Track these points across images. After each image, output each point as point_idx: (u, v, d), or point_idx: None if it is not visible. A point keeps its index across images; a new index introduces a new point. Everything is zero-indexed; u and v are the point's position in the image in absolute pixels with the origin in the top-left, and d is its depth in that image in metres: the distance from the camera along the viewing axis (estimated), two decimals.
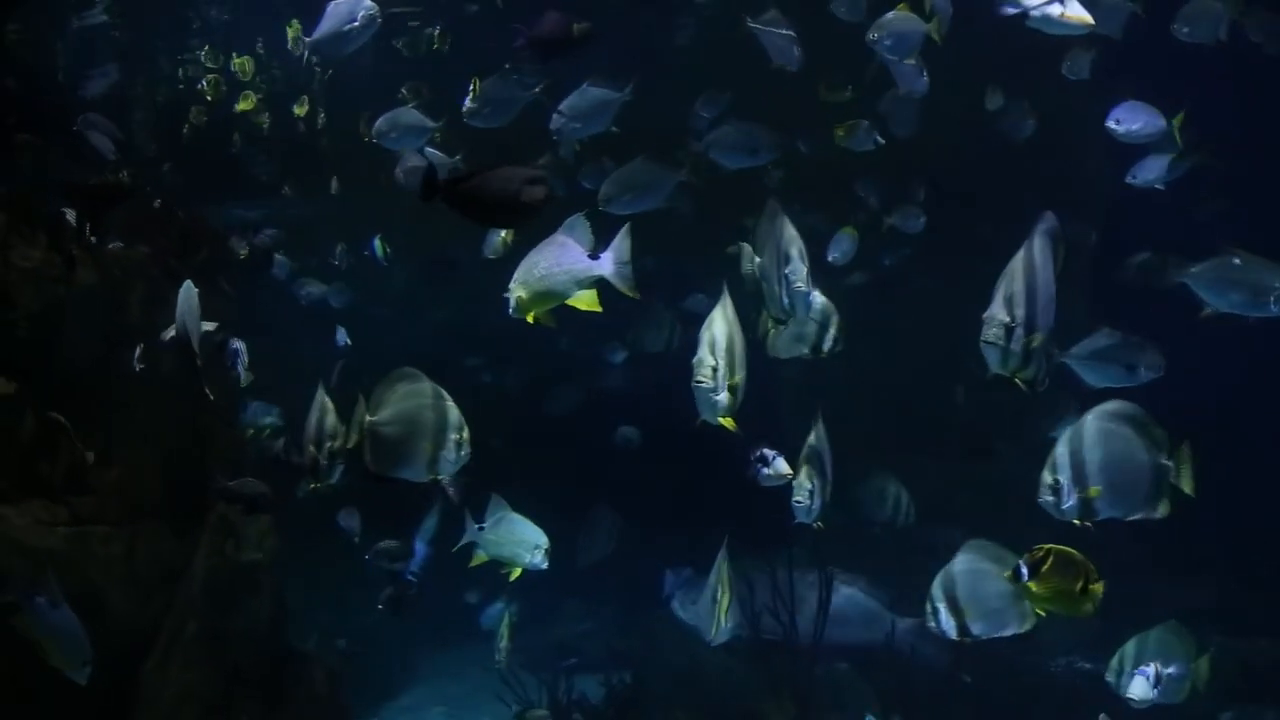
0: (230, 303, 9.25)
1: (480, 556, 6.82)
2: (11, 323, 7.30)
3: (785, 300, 6.22)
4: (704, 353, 5.71)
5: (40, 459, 7.30)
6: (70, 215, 7.73)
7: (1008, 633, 6.21)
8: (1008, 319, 5.44)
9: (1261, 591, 10.68)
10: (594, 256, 5.30)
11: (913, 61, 8.33)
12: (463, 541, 6.87)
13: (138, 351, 7.79)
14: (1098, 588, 5.46)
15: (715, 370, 5.64)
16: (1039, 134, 9.81)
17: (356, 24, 7.52)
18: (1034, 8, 6.55)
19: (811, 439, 6.93)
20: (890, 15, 7.77)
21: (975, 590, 6.17)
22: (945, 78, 8.98)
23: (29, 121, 8.89)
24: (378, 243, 10.91)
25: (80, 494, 7.43)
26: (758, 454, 6.96)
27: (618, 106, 8.31)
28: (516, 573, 6.84)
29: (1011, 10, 6.58)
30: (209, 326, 7.43)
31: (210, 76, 10.68)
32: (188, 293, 7.00)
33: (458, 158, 9.58)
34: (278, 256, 10.78)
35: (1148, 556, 9.77)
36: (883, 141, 9.11)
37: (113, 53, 10.64)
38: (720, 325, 5.76)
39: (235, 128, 11.06)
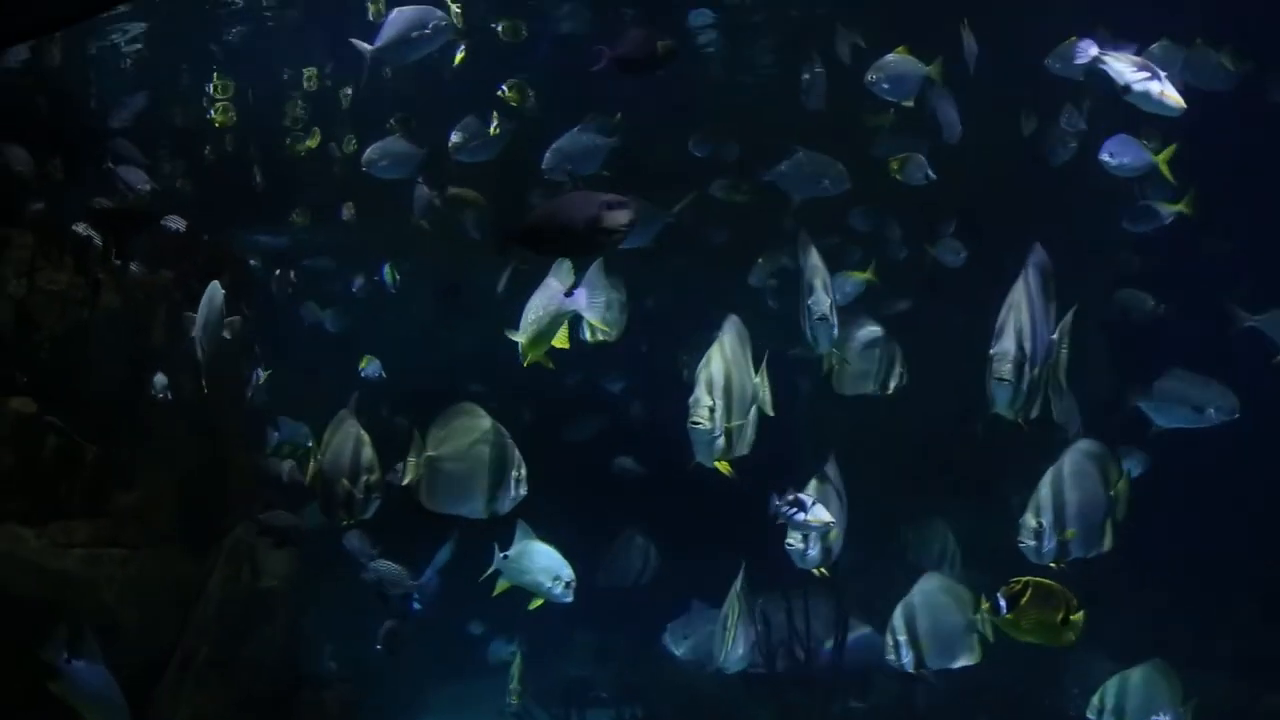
0: (250, 327, 9.32)
1: (503, 584, 6.73)
2: (35, 345, 7.37)
3: (809, 331, 6.16)
4: (700, 392, 5.45)
5: (59, 480, 7.34)
6: (96, 239, 7.82)
7: (958, 665, 6.41)
8: (1019, 354, 5.23)
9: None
10: (569, 294, 5.48)
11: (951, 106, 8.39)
12: (490, 570, 6.79)
13: (158, 379, 7.83)
14: (1079, 617, 5.55)
15: (713, 411, 5.40)
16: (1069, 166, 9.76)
17: (426, 31, 7.47)
18: (1134, 84, 6.56)
19: (814, 482, 6.67)
20: (889, 57, 7.82)
21: (934, 623, 6.32)
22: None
23: (61, 146, 9.01)
24: (387, 269, 10.98)
25: (98, 516, 7.46)
26: (792, 497, 6.74)
27: (606, 151, 8.42)
28: (537, 602, 6.78)
29: (1113, 82, 6.61)
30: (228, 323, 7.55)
31: (220, 103, 10.78)
32: (210, 295, 7.10)
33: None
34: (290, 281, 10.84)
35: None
36: (934, 177, 8.98)
37: (140, 80, 10.80)
38: (718, 363, 5.50)
39: (258, 155, 11.16)
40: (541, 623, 9.15)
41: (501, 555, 6.68)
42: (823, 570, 6.19)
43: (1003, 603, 5.56)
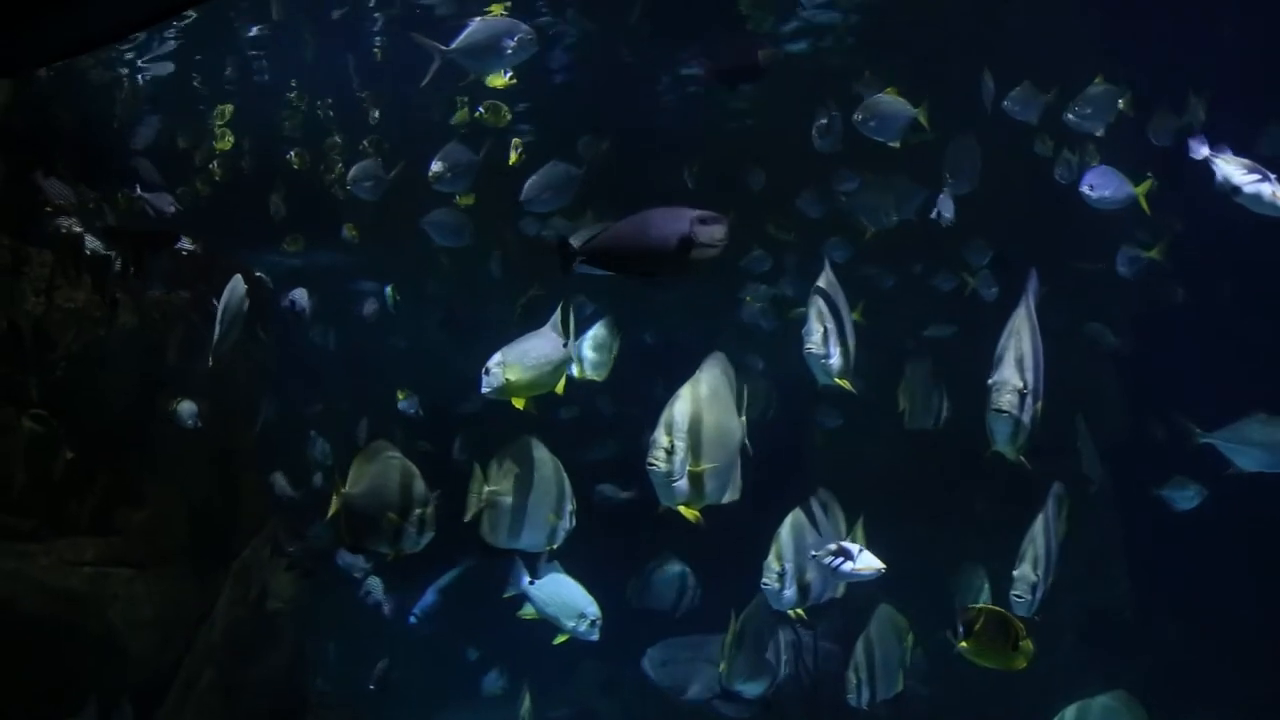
0: (266, 350, 9.36)
1: (530, 612, 6.72)
2: (51, 363, 7.40)
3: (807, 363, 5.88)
4: (659, 433, 5.09)
5: (70, 498, 7.36)
6: (115, 259, 7.87)
7: (890, 695, 6.69)
8: (1021, 384, 5.06)
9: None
10: (566, 345, 5.79)
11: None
12: (510, 591, 6.76)
13: (185, 407, 7.91)
14: (1027, 644, 5.77)
15: (670, 453, 5.03)
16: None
17: (512, 44, 7.38)
18: (1246, 185, 6.58)
19: (791, 518, 6.29)
20: (877, 97, 7.83)
21: (885, 659, 6.42)
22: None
23: (83, 166, 9.10)
24: (389, 291, 11.03)
25: (107, 535, 7.47)
26: (835, 547, 6.55)
27: (578, 183, 8.49)
28: (562, 638, 6.77)
29: (1222, 184, 6.63)
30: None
31: (219, 127, 10.89)
32: (233, 286, 7.30)
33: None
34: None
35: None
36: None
37: (162, 101, 10.90)
38: (684, 404, 5.13)
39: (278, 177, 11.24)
40: (549, 651, 9.10)
41: (529, 581, 6.67)
42: (799, 612, 6.09)
43: (960, 629, 5.81)
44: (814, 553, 6.73)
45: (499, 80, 8.10)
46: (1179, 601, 10.42)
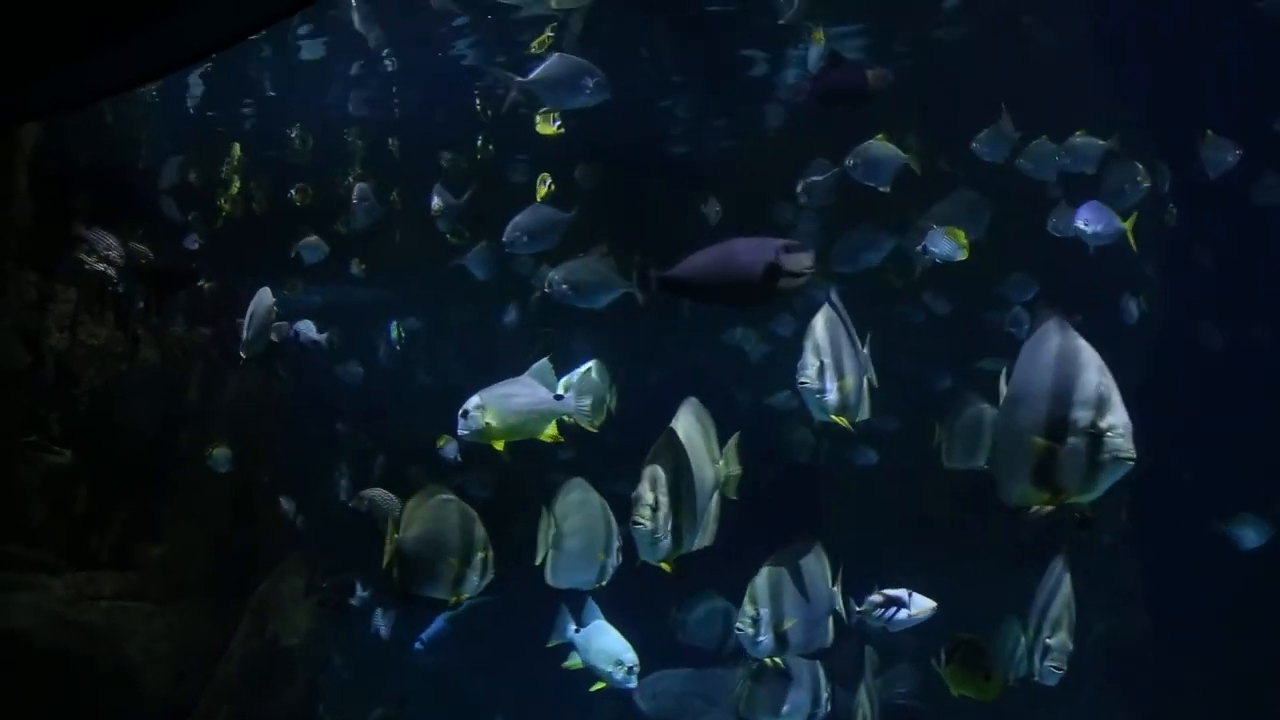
0: (285, 386, 9.44)
1: (575, 662, 6.71)
2: (73, 398, 7.49)
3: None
4: (643, 489, 4.93)
5: (89, 532, 7.42)
6: (138, 296, 7.99)
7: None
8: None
9: None
10: (558, 397, 5.85)
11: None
12: (555, 640, 6.76)
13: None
14: (999, 677, 5.95)
15: (655, 510, 4.91)
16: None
17: (590, 84, 7.58)
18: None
19: (770, 564, 6.01)
20: (867, 144, 7.93)
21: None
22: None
23: (111, 204, 9.25)
24: (393, 327, 11.11)
25: (125, 569, 7.52)
26: (883, 597, 6.52)
27: (564, 226, 8.54)
28: (599, 685, 6.75)
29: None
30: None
31: (230, 164, 11.06)
32: (260, 295, 7.47)
33: None
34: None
35: None
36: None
37: (179, 140, 11.07)
38: (666, 455, 5.00)
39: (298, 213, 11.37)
40: (562, 688, 9.06)
41: (574, 629, 6.67)
42: (777, 661, 5.98)
43: (942, 655, 5.97)
44: (860, 609, 6.66)
45: (548, 128, 8.22)
46: (1202, 640, 10.29)
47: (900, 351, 9.90)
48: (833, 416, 5.52)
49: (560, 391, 5.96)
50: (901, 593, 6.59)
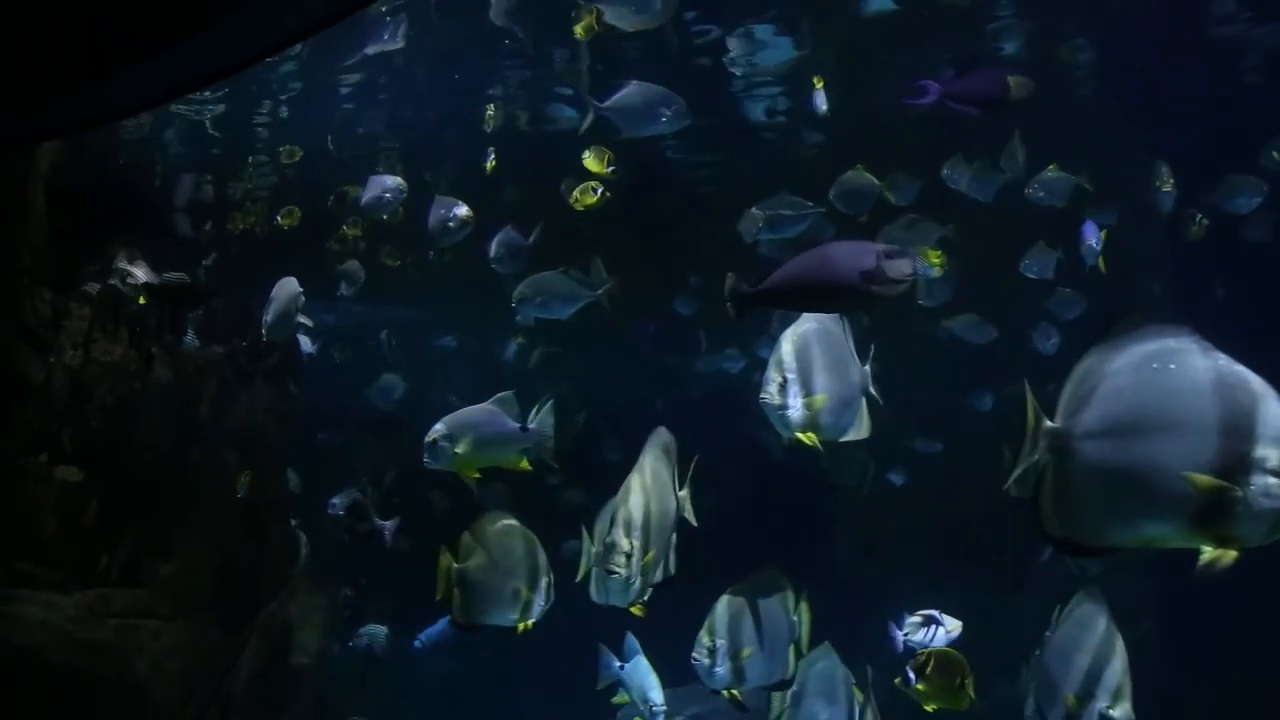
0: (296, 404, 9.45)
1: (623, 697, 6.74)
2: (86, 414, 7.51)
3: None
4: (618, 535, 4.91)
5: (100, 550, 7.42)
6: (151, 314, 8.02)
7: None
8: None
9: None
10: (524, 428, 5.93)
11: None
12: (605, 682, 6.84)
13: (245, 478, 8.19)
14: (971, 681, 5.83)
15: (630, 556, 4.91)
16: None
17: (668, 113, 7.70)
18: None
19: (729, 595, 5.83)
20: (847, 175, 7.98)
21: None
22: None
23: (126, 221, 9.29)
24: (384, 336, 11.16)
25: (135, 586, 7.51)
26: (920, 618, 6.52)
27: (582, 303, 8.56)
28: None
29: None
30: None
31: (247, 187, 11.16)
32: (282, 283, 7.63)
33: None
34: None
35: None
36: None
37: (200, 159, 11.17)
38: (637, 497, 4.96)
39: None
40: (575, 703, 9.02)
41: (619, 666, 6.68)
42: (734, 693, 5.85)
43: (911, 675, 5.79)
44: (902, 632, 6.71)
45: (599, 166, 8.27)
46: (1208, 652, 10.18)
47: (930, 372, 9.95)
48: (799, 435, 5.29)
49: (527, 424, 6.03)
50: (934, 612, 6.66)
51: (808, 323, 5.33)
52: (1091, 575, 6.67)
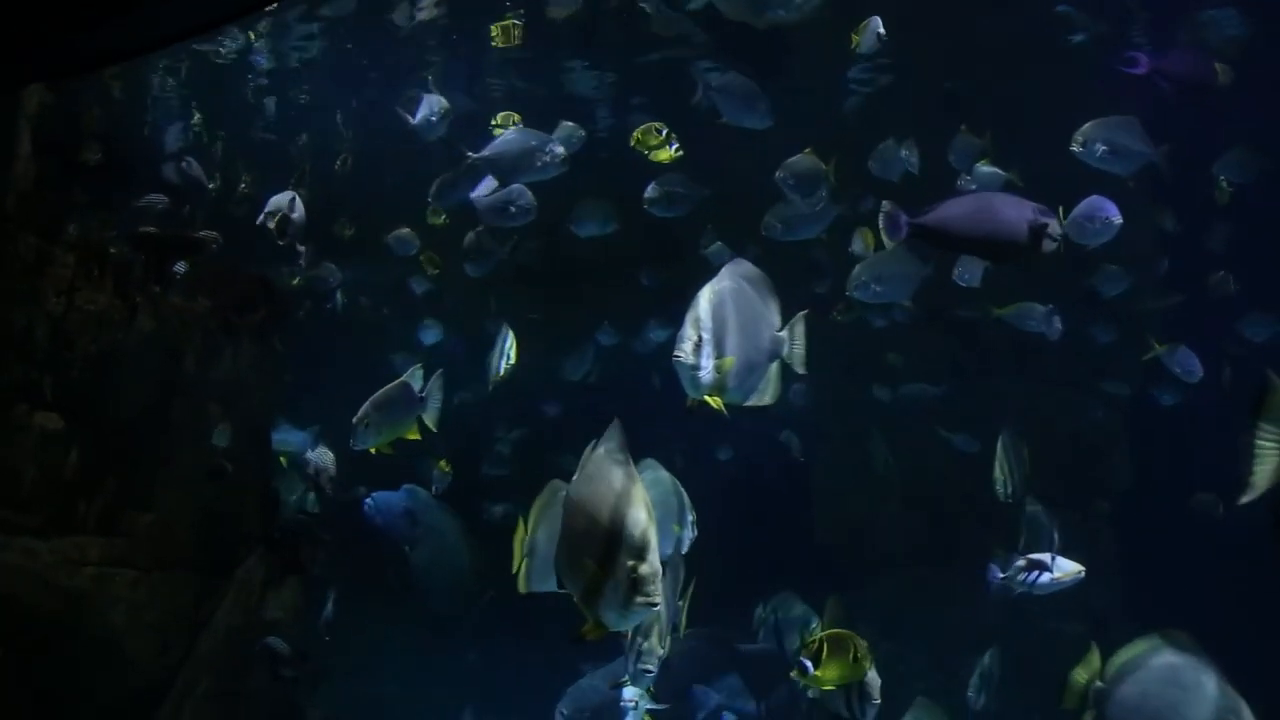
0: (283, 361, 9.42)
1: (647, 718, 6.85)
2: (67, 363, 7.48)
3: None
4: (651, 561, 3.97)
5: (78, 498, 7.40)
6: (138, 263, 7.97)
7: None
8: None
9: None
10: (421, 396, 6.40)
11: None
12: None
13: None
14: (865, 651, 5.80)
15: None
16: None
17: (546, 158, 7.98)
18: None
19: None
20: (795, 158, 8.00)
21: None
22: None
23: (115, 168, 9.19)
24: (338, 296, 11.13)
25: (112, 536, 7.51)
26: (1025, 560, 6.35)
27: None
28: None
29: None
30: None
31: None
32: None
33: None
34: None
35: None
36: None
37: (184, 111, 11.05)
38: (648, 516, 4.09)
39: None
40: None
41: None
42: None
43: (808, 663, 5.69)
44: (1003, 575, 6.63)
45: (665, 154, 8.27)
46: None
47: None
48: (705, 397, 5.03)
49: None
50: (1045, 557, 6.43)
51: (726, 280, 5.07)
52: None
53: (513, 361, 7.59)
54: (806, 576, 8.92)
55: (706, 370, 4.95)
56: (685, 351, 4.91)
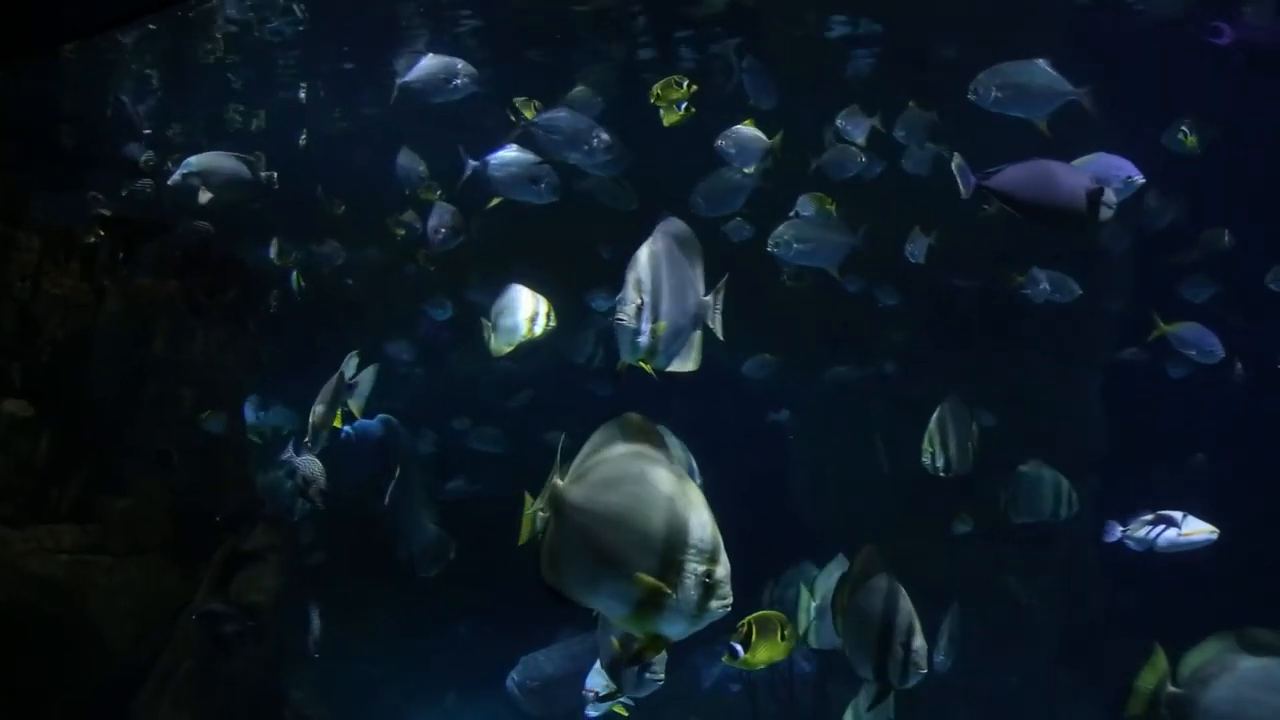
0: (255, 343, 9.33)
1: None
2: (36, 348, 7.37)
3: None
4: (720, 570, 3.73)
5: (50, 484, 7.32)
6: (105, 246, 7.85)
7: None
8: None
9: None
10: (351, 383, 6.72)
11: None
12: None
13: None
14: (789, 628, 5.78)
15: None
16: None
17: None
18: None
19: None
20: (736, 127, 8.03)
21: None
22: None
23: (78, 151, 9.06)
24: (294, 276, 11.01)
25: (87, 522, 7.44)
26: (1153, 515, 6.21)
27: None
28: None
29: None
30: None
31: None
32: None
33: None
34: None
35: None
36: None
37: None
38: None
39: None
40: None
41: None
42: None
43: (738, 647, 5.65)
44: (1124, 529, 6.48)
45: (675, 116, 8.20)
46: (1152, 621, 10.37)
47: None
48: (640, 362, 4.94)
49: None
50: (1176, 514, 6.18)
51: (659, 240, 4.94)
52: None
53: (552, 324, 6.96)
54: (784, 551, 8.91)
55: (645, 334, 4.85)
56: (629, 315, 4.81)
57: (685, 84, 7.66)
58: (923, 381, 10.24)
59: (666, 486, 3.62)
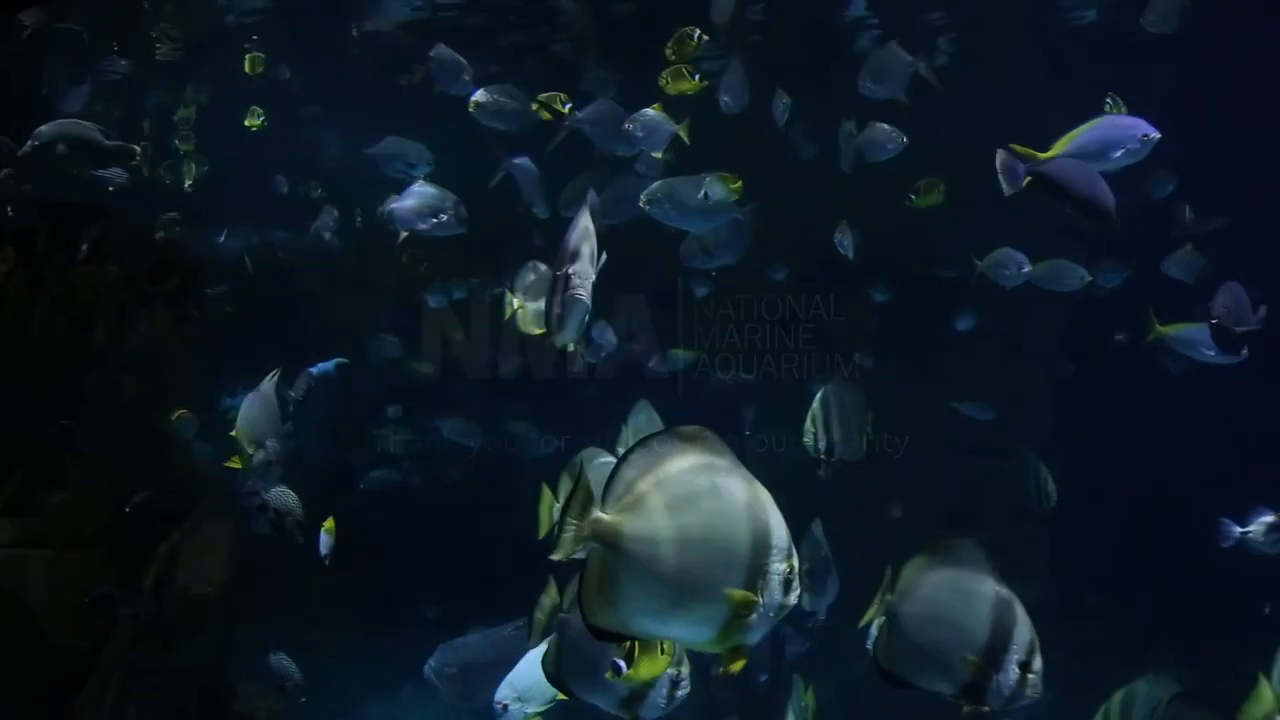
0: (199, 329, 9.16)
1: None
2: None
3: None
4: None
5: None
6: (41, 232, 7.68)
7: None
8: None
9: None
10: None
11: None
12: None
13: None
14: (669, 647, 5.43)
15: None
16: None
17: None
18: None
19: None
20: (644, 110, 8.04)
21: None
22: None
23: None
24: (247, 260, 10.89)
25: (25, 515, 7.29)
26: (1273, 519, 6.17)
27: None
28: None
29: None
30: None
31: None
32: None
33: None
34: None
35: None
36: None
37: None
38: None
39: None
40: None
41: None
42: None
43: (622, 665, 5.37)
44: (1245, 529, 6.30)
45: (688, 85, 8.16)
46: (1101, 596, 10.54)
47: None
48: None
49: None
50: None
51: (586, 216, 4.92)
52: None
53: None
54: None
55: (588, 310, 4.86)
56: (586, 291, 4.76)
57: (697, 34, 8.01)
58: (877, 374, 10.36)
59: (742, 494, 3.48)
